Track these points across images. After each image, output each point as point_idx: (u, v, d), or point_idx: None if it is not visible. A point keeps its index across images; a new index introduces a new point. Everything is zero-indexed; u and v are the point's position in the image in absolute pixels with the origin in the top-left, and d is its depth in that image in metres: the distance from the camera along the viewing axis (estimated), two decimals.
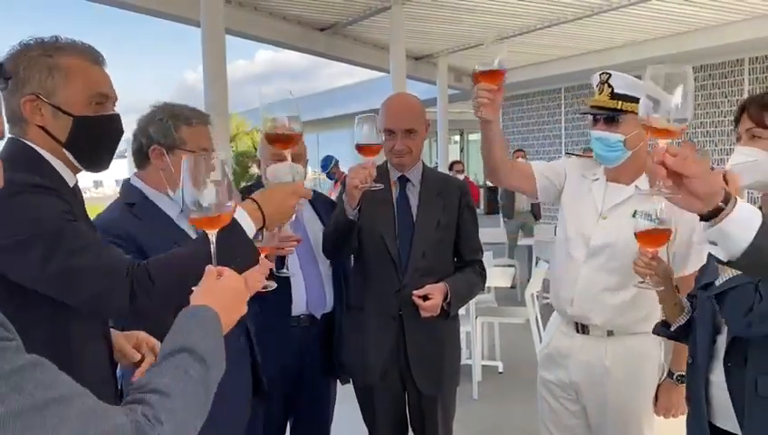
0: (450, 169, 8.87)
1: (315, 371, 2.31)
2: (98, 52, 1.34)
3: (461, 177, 8.60)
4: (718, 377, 1.52)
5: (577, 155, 2.27)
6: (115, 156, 1.41)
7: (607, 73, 1.94)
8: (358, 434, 2.42)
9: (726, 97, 9.66)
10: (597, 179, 2.06)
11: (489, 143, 2.00)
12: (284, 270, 2.00)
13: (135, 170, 1.85)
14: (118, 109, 1.38)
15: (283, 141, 1.51)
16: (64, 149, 1.29)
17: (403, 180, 2.27)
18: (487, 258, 2.18)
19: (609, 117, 1.92)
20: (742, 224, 1.04)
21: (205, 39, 6.06)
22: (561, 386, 2.09)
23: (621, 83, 1.92)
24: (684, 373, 1.80)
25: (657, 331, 1.82)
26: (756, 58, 9.09)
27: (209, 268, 1.13)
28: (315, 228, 2.36)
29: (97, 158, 1.35)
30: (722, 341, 1.53)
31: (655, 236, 1.62)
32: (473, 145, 21.17)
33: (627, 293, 1.93)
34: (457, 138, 20.56)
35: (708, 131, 9.92)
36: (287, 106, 1.51)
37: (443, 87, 11.36)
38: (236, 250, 1.28)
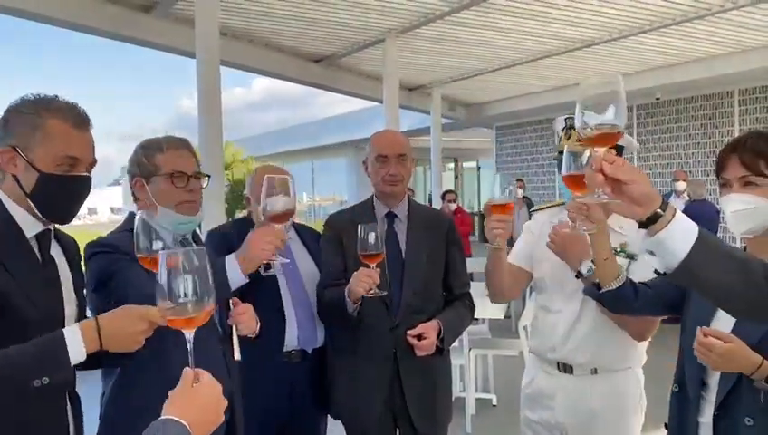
0: (443, 198, 8.88)
1: (306, 406, 2.30)
2: (85, 116, 1.47)
3: (453, 206, 8.60)
4: (707, 419, 1.52)
5: (541, 209, 2.31)
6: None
7: (572, 118, 1.96)
8: None
9: (717, 128, 9.77)
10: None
11: (499, 270, 2.05)
12: (272, 269, 1.88)
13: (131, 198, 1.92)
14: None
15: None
16: (29, 200, 1.41)
17: (390, 216, 2.28)
18: (481, 288, 2.18)
19: None
20: (679, 235, 1.05)
21: (200, 70, 6.10)
22: (547, 426, 2.08)
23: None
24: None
25: (586, 290, 1.84)
26: (746, 90, 9.22)
27: (186, 372, 1.08)
28: (305, 262, 2.36)
29: (58, 211, 1.46)
30: (713, 382, 1.52)
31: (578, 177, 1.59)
32: (467, 173, 21.29)
33: (609, 331, 1.95)
34: (452, 165, 20.68)
35: (700, 161, 10.02)
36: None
37: (436, 116, 11.47)
38: (47, 370, 1.23)
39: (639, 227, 1.09)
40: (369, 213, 2.27)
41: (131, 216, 1.85)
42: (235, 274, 1.68)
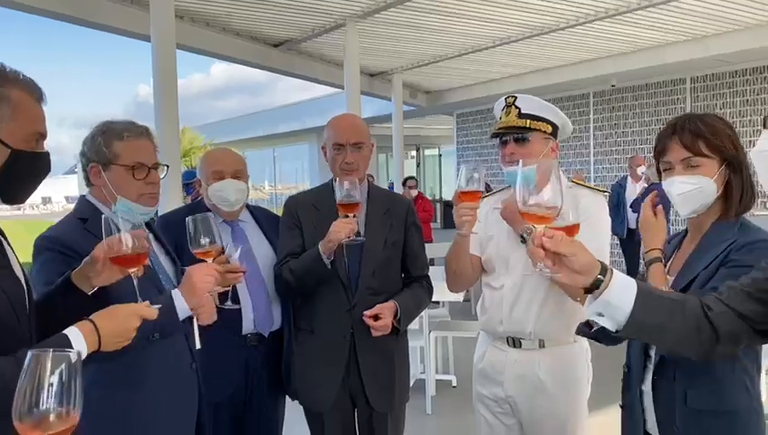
0: (404, 185, 8.92)
1: (263, 388, 2.30)
2: (40, 88, 1.35)
3: (414, 193, 8.66)
4: (648, 387, 1.58)
5: (485, 196, 2.34)
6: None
7: (513, 97, 2.04)
8: None
9: (670, 114, 10.01)
10: None
11: (463, 256, 2.08)
12: (228, 303, 2.01)
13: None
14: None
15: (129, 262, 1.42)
16: None
17: None
18: (442, 272, 2.22)
19: (519, 137, 2.00)
20: (621, 292, 1.15)
21: (155, 54, 5.98)
22: (497, 401, 2.13)
23: (528, 105, 2.01)
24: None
25: (579, 331, 1.88)
26: (697, 77, 9.47)
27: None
28: (261, 246, 2.36)
29: (20, 191, 1.35)
30: (654, 353, 1.59)
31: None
32: (429, 160, 21.38)
33: (553, 303, 2.00)
34: (414, 153, 20.74)
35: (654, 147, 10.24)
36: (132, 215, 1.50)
37: (398, 103, 11.47)
38: None
39: (585, 293, 1.17)
40: (328, 196, 2.26)
41: (83, 200, 1.82)
42: (183, 308, 1.66)
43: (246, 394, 2.27)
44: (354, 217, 2.05)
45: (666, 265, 1.63)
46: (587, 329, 1.78)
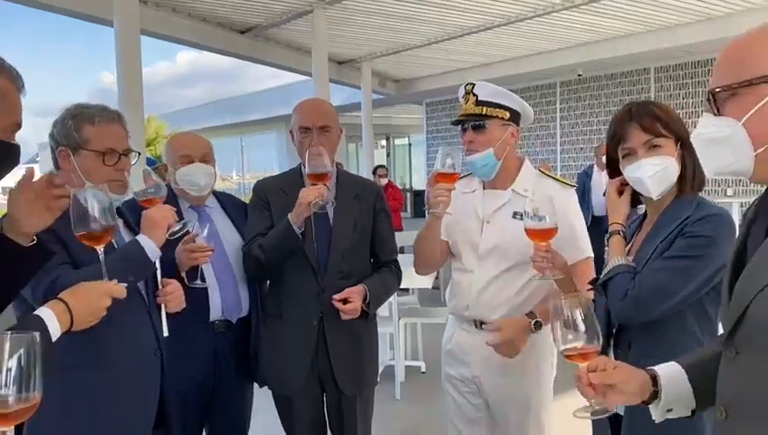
0: (374, 173, 8.92)
1: (231, 376, 2.29)
2: (22, 77, 1.32)
3: (384, 181, 8.65)
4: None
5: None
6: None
7: (471, 84, 2.07)
8: None
9: None
10: (474, 191, 2.17)
11: (434, 238, 2.10)
12: (198, 281, 2.07)
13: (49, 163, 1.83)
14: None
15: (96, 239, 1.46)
16: None
17: None
18: (412, 260, 2.24)
19: (477, 124, 2.04)
20: (673, 383, 1.17)
21: (118, 40, 5.85)
22: (464, 381, 2.16)
23: (485, 91, 2.05)
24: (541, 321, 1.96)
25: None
26: (661, 67, 9.64)
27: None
28: (228, 232, 2.34)
29: None
30: (615, 329, 1.63)
31: (544, 230, 1.75)
32: (399, 149, 21.37)
33: (519, 288, 2.04)
34: (384, 142, 20.71)
35: None
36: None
37: (367, 92, 11.43)
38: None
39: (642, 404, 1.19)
40: (297, 180, 2.26)
41: None
42: (151, 250, 1.68)
43: (215, 382, 2.26)
44: (325, 185, 2.05)
45: (627, 246, 1.67)
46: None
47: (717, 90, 1.02)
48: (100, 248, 1.45)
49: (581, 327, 1.18)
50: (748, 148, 0.98)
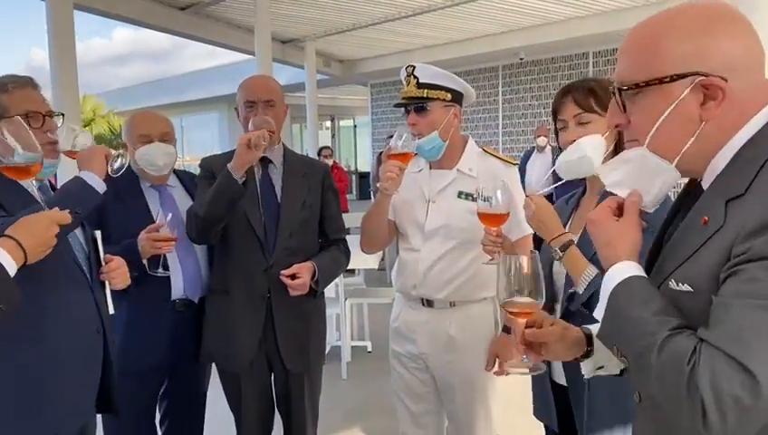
0: (319, 154, 8.86)
1: (188, 356, 2.27)
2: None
3: (329, 162, 8.61)
4: None
5: None
6: None
7: (412, 66, 2.10)
8: (231, 418, 2.38)
9: None
10: (421, 170, 2.19)
11: (382, 216, 2.11)
12: (160, 270, 2.10)
13: None
14: None
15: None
16: None
17: (265, 161, 2.26)
18: (358, 241, 2.25)
19: (419, 106, 2.07)
20: (607, 351, 1.13)
21: (50, 14, 5.59)
22: (411, 358, 2.20)
23: (425, 73, 2.07)
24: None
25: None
26: (599, 52, 9.92)
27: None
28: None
29: None
30: (558, 309, 1.68)
31: (496, 215, 1.75)
32: (344, 131, 21.28)
33: (465, 267, 2.08)
34: (329, 124, 20.57)
35: None
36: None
37: (311, 72, 11.32)
38: None
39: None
40: None
41: None
42: (93, 180, 1.71)
43: (172, 361, 2.25)
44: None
45: (565, 226, 1.68)
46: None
47: (625, 88, 0.96)
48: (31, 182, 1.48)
49: (527, 283, 1.20)
50: (664, 166, 0.95)
